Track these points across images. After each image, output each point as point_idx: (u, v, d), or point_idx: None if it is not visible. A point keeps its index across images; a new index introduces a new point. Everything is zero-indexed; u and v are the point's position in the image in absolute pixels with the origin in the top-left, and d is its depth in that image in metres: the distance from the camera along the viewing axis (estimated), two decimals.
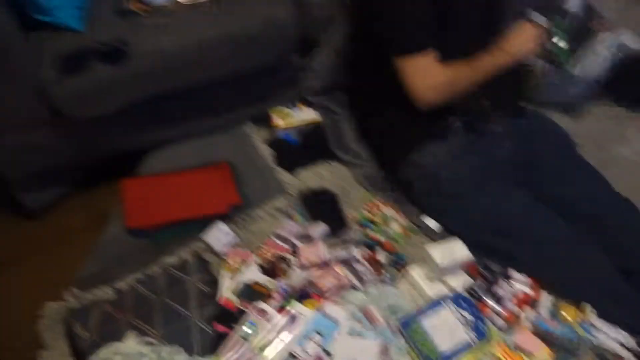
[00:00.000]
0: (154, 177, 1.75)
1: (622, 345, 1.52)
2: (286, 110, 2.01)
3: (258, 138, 1.98)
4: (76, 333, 1.43)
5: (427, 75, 1.60)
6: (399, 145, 1.78)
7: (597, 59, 1.90)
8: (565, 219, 1.63)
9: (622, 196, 1.68)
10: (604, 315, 1.54)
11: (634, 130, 2.15)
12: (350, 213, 1.82)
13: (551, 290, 1.61)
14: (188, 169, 1.79)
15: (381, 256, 1.68)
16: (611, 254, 1.58)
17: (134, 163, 1.84)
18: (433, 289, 1.55)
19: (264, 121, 2.03)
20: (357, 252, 1.63)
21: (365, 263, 1.61)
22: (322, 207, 1.79)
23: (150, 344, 1.40)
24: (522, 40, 1.61)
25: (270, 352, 1.40)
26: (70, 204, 1.83)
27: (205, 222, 1.68)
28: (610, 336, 1.53)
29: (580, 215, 1.64)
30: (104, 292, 1.53)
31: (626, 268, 1.56)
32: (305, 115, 1.99)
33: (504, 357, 1.46)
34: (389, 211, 1.81)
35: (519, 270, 1.66)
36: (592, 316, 1.51)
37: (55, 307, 1.48)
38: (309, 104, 2.02)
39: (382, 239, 1.75)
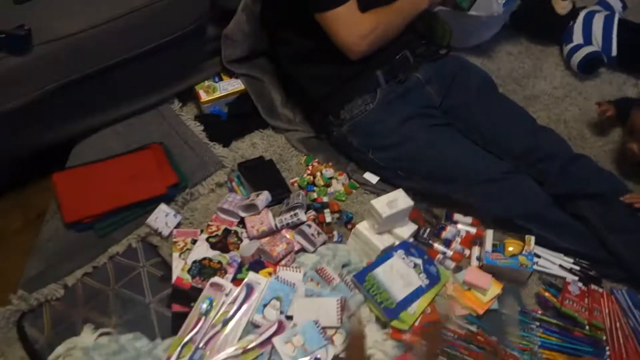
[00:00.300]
0: (86, 167, 1.69)
1: (561, 267, 1.62)
2: (211, 83, 1.97)
3: (186, 115, 1.94)
4: (30, 335, 1.39)
5: (353, 26, 1.61)
6: (328, 104, 1.79)
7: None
8: (496, 156, 1.70)
9: (546, 127, 1.77)
10: (543, 242, 1.63)
11: (550, 65, 2.24)
12: (292, 178, 1.82)
13: (492, 225, 1.68)
14: (119, 155, 1.73)
15: (328, 217, 1.70)
16: (542, 183, 1.66)
17: (64, 156, 1.76)
18: (382, 242, 1.58)
19: (190, 97, 1.99)
20: (304, 216, 1.65)
21: (314, 225, 1.62)
22: (261, 175, 1.78)
23: (108, 334, 1.38)
24: None
25: (231, 324, 1.40)
26: (3, 206, 1.74)
27: (146, 206, 1.65)
28: (551, 261, 1.63)
29: (509, 150, 1.71)
30: (53, 291, 1.48)
31: (557, 194, 1.64)
32: (230, 86, 1.96)
33: (458, 296, 1.52)
34: (329, 172, 1.82)
35: (460, 212, 1.73)
36: (533, 245, 1.59)
37: (2, 312, 1.42)
38: (232, 75, 1.99)
39: (326, 199, 1.77)
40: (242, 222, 1.65)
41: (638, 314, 1.52)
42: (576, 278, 1.58)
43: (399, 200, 1.58)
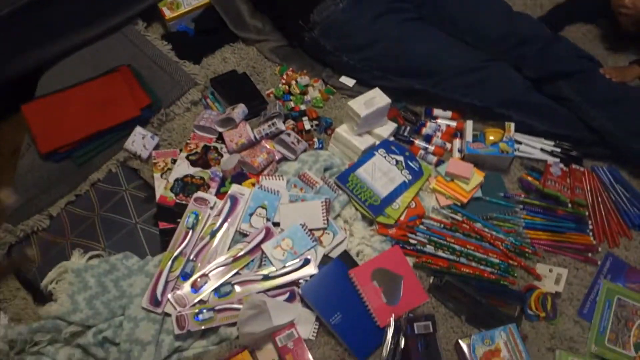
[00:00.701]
0: (55, 95, 1.64)
1: (542, 150, 1.62)
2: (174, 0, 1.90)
3: (153, 35, 1.88)
4: (21, 265, 1.40)
5: None
6: (297, 9, 1.73)
7: None
8: (472, 46, 1.67)
9: (522, 13, 1.73)
10: (524, 127, 1.63)
11: None
12: (267, 90, 1.79)
13: (472, 116, 1.67)
14: (88, 80, 1.69)
15: (307, 124, 1.68)
16: (520, 69, 1.64)
17: (34, 89, 1.72)
18: (363, 142, 1.58)
19: (155, 17, 1.92)
20: (282, 125, 1.63)
21: (293, 133, 1.61)
22: (236, 89, 1.75)
23: (98, 256, 1.39)
24: None
25: (219, 235, 1.41)
26: None
27: (122, 131, 1.62)
28: (532, 145, 1.63)
29: (485, 38, 1.68)
30: (38, 222, 1.47)
31: (536, 78, 1.62)
32: (195, 0, 1.89)
33: (441, 188, 1.53)
34: (304, 80, 1.79)
35: (440, 106, 1.71)
36: (514, 132, 1.58)
37: None
38: None
39: (304, 107, 1.75)
40: (220, 138, 1.63)
41: (619, 188, 1.54)
42: (557, 160, 1.59)
43: (376, 98, 1.56)
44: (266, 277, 1.36)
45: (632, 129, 1.51)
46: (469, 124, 1.62)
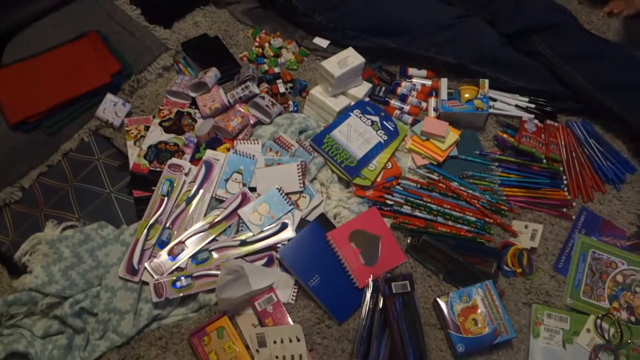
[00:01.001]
0: (21, 63, 1.60)
1: (517, 107, 1.62)
2: None
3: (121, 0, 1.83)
4: None
5: None
6: None
7: None
8: (445, 2, 1.66)
9: None
10: (498, 84, 1.62)
11: None
12: (240, 53, 1.76)
13: (446, 74, 1.66)
14: (54, 47, 1.64)
15: (282, 87, 1.66)
16: (494, 25, 1.62)
17: None
18: (337, 104, 1.56)
19: None
20: (256, 88, 1.60)
21: (267, 96, 1.59)
22: (208, 53, 1.72)
23: (73, 227, 1.37)
24: None
25: (195, 201, 1.40)
26: None
27: (93, 98, 1.59)
28: (507, 102, 1.63)
29: None
30: (9, 194, 1.45)
31: (510, 33, 1.61)
32: None
33: (417, 147, 1.53)
34: (277, 42, 1.76)
35: (415, 65, 1.70)
36: (488, 88, 1.58)
37: None
38: None
39: (278, 70, 1.72)
40: (194, 103, 1.61)
41: (593, 142, 1.55)
42: (532, 116, 1.59)
43: (349, 57, 1.54)
44: (244, 243, 1.36)
45: (604, 83, 1.51)
46: (444, 82, 1.60)
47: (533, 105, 1.61)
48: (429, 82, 1.68)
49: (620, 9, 1.57)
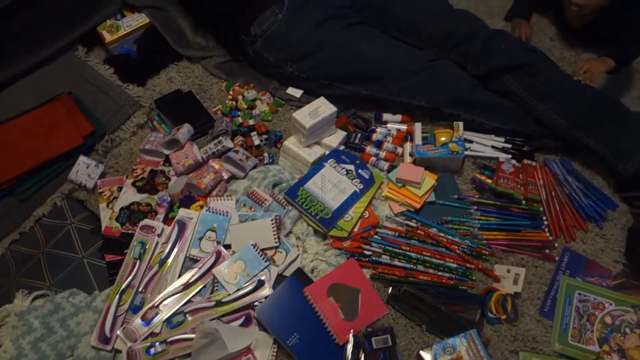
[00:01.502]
0: None
1: (494, 147, 1.60)
2: (113, 22, 1.85)
3: (94, 60, 1.83)
4: None
5: None
6: (237, 23, 1.70)
7: None
8: (416, 46, 1.65)
9: (462, 10, 1.71)
10: (473, 126, 1.61)
11: None
12: (214, 107, 1.76)
13: (421, 118, 1.65)
14: (27, 111, 1.64)
15: (256, 139, 1.65)
16: (466, 67, 1.62)
17: None
18: (312, 154, 1.55)
19: (96, 42, 1.88)
20: (230, 142, 1.59)
21: (242, 150, 1.57)
22: (182, 109, 1.71)
23: (43, 296, 1.34)
24: None
25: (169, 262, 1.37)
26: None
27: (66, 161, 1.57)
28: (483, 143, 1.61)
29: (428, 38, 1.66)
30: None
31: (482, 74, 1.61)
32: (134, 21, 1.85)
33: (394, 195, 1.50)
34: (251, 94, 1.76)
35: (389, 111, 1.69)
36: (463, 131, 1.56)
37: None
38: (134, 9, 1.87)
39: (252, 122, 1.71)
40: (168, 161, 1.59)
41: (572, 179, 1.53)
42: (509, 156, 1.58)
43: (321, 107, 1.53)
44: (219, 303, 1.32)
45: (578, 120, 1.50)
46: (418, 127, 1.59)
47: (509, 146, 1.59)
48: (404, 127, 1.67)
49: (585, 70, 1.58)
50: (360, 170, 1.53)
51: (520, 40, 1.65)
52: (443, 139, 1.56)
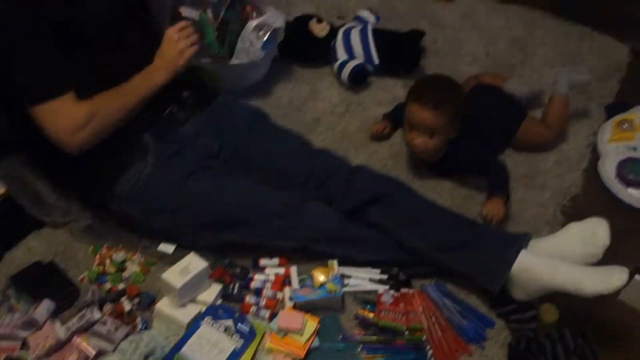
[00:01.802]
0: None
1: (371, 280, 1.61)
2: None
3: None
4: None
5: (61, 119, 1.49)
6: (100, 183, 1.65)
7: (250, 46, 1.95)
8: (283, 188, 1.68)
9: (322, 149, 1.79)
10: (347, 261, 1.62)
11: (326, 86, 2.27)
12: (80, 275, 1.65)
13: (296, 260, 1.65)
14: None
15: (127, 305, 1.55)
16: (332, 203, 1.65)
17: None
18: (186, 314, 1.48)
19: None
20: (97, 313, 1.49)
21: (110, 320, 1.47)
22: (42, 282, 1.59)
23: None
24: (170, 49, 1.64)
25: None
26: None
27: None
28: (361, 277, 1.62)
29: (292, 180, 1.70)
30: None
31: (348, 209, 1.64)
32: None
33: (277, 345, 1.44)
34: (120, 255, 1.68)
35: (266, 255, 1.67)
36: (338, 268, 1.57)
37: None
38: None
39: (123, 286, 1.62)
40: (25, 344, 1.45)
41: (449, 302, 1.55)
42: (387, 287, 1.58)
43: (191, 264, 1.49)
44: None
45: (440, 245, 1.55)
46: (293, 271, 1.58)
47: (386, 276, 1.61)
48: (282, 270, 1.65)
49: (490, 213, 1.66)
50: (239, 324, 1.47)
51: (380, 173, 1.73)
52: (321, 278, 1.55)
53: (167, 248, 1.70)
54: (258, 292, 1.60)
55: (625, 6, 2.20)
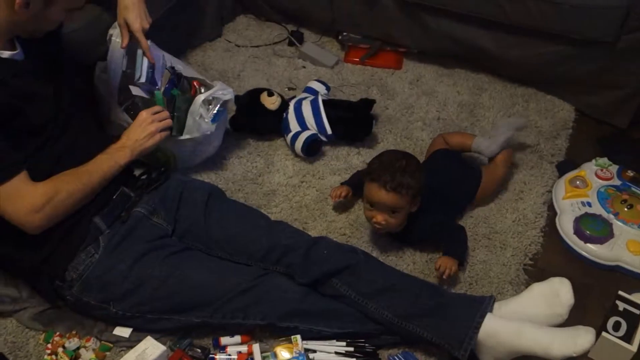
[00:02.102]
0: None
1: (337, 354, 1.57)
2: None
3: None
4: None
5: (19, 200, 1.46)
6: (49, 269, 1.60)
7: (201, 120, 1.95)
8: (243, 264, 1.67)
9: (280, 222, 1.78)
10: (312, 335, 1.58)
11: (280, 158, 2.27)
12: None
13: (262, 335, 1.60)
14: None
15: None
16: (293, 277, 1.62)
17: None
18: None
19: None
20: None
21: None
22: None
23: None
24: (140, 131, 1.68)
25: None
26: None
27: None
28: (326, 351, 1.57)
29: (252, 255, 1.67)
30: None
31: (310, 282, 1.61)
32: None
33: None
34: (73, 342, 1.60)
35: (227, 333, 1.62)
36: (301, 344, 1.52)
37: None
38: None
39: None
40: None
41: None
42: (354, 359, 1.54)
43: (148, 349, 1.44)
44: None
45: (406, 313, 1.53)
46: (256, 348, 1.53)
47: (352, 348, 1.57)
48: (244, 349, 1.59)
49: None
50: None
51: (340, 244, 1.71)
52: (285, 355, 1.51)
53: (123, 332, 1.63)
54: None
55: (560, 66, 2.30)
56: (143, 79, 1.86)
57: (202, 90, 2.02)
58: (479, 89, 2.54)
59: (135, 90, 1.86)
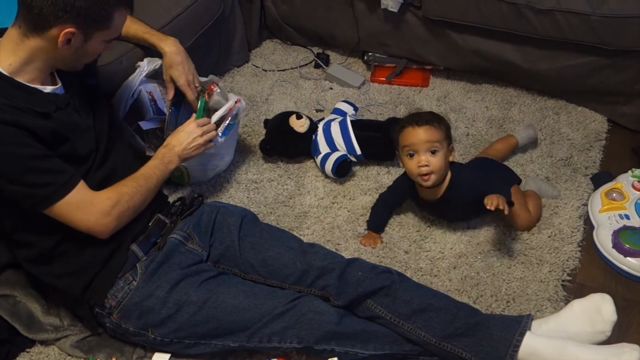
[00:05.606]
0: None
1: None
2: None
3: None
4: None
5: (89, 206, 1.51)
6: (89, 297, 1.62)
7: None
8: (278, 287, 1.67)
9: (314, 244, 1.78)
10: (350, 356, 1.57)
11: (311, 180, 2.28)
12: None
13: (299, 358, 1.60)
14: None
15: None
16: (329, 299, 1.63)
17: None
18: None
19: None
20: None
21: None
22: None
23: None
24: (190, 141, 1.77)
25: None
26: None
27: None
28: None
29: (286, 278, 1.68)
30: None
31: (345, 304, 1.61)
32: None
33: None
34: None
35: (265, 355, 1.63)
36: None
37: None
38: None
39: None
40: None
41: None
42: None
43: None
44: None
45: (444, 332, 1.51)
46: None
47: None
48: None
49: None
50: None
51: (375, 264, 1.70)
52: None
53: (162, 357, 1.65)
54: None
55: (592, 77, 2.27)
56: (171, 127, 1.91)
57: (218, 90, 2.02)
58: (507, 104, 2.52)
59: (145, 125, 1.92)
